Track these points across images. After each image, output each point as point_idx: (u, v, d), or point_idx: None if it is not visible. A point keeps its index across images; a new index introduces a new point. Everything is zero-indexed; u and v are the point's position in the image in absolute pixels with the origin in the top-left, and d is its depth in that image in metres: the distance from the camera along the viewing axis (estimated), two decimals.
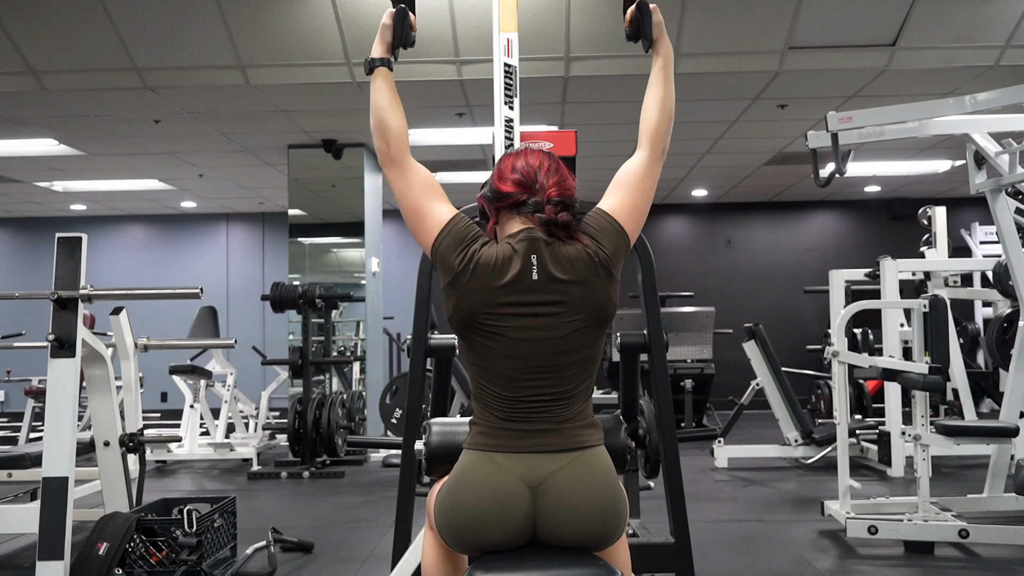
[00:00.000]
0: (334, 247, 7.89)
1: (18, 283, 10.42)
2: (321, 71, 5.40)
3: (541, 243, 1.67)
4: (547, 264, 1.66)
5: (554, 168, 1.75)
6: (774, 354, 6.47)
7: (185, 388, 7.03)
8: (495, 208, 1.76)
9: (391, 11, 1.90)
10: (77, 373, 3.13)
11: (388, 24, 1.90)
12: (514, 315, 1.65)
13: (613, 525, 1.67)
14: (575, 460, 1.65)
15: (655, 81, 1.88)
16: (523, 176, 1.73)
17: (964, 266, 6.87)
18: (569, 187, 1.74)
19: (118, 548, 3.21)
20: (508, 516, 1.62)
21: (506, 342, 1.66)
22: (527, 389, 1.66)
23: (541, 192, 1.71)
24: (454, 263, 1.68)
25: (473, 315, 1.66)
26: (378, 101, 1.83)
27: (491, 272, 1.65)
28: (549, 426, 1.67)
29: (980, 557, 3.80)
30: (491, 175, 1.81)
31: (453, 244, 1.70)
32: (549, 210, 1.69)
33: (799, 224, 10.73)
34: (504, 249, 1.68)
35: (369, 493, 5.58)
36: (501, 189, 1.74)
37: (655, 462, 2.94)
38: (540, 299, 1.65)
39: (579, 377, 1.70)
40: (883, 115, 4.13)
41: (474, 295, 1.66)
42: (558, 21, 4.96)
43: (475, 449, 1.69)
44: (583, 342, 1.68)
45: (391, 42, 1.90)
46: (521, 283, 1.65)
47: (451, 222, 1.73)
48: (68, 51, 5.14)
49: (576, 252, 1.68)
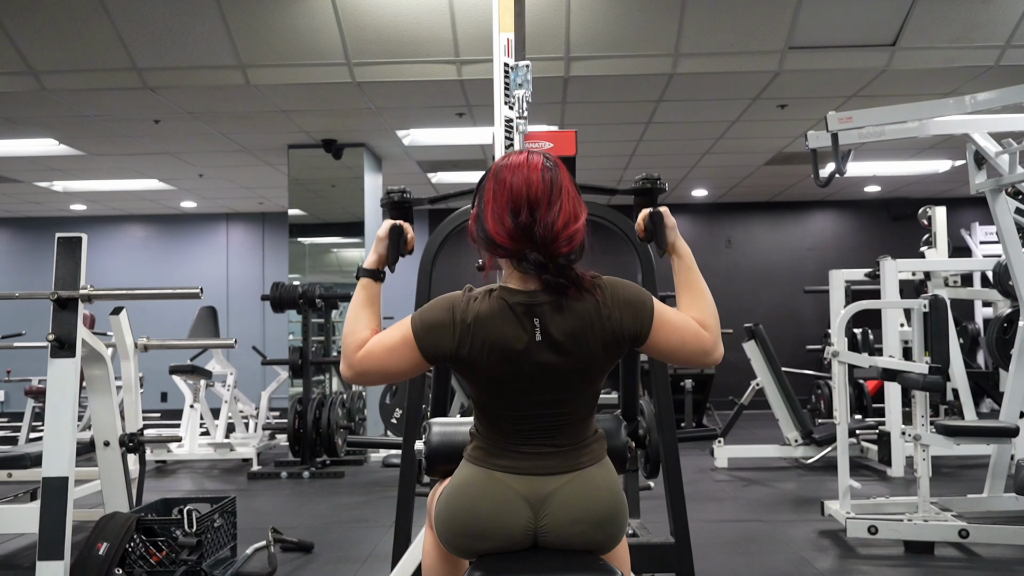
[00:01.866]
0: (334, 247, 7.89)
1: (18, 283, 10.41)
2: (321, 71, 5.40)
3: (544, 307, 1.56)
4: (549, 328, 1.56)
5: (557, 200, 1.56)
6: (774, 354, 6.46)
7: (185, 388, 7.02)
8: (488, 252, 1.61)
9: (387, 225, 1.84)
10: (77, 373, 3.13)
11: (383, 237, 1.82)
12: (514, 372, 1.58)
13: (614, 534, 1.66)
14: (577, 477, 1.62)
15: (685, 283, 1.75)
16: (520, 225, 1.55)
17: (964, 266, 6.87)
18: (577, 234, 1.57)
19: (118, 548, 3.21)
20: (508, 528, 1.60)
21: (511, 393, 1.61)
22: (528, 419, 1.62)
23: (543, 247, 1.54)
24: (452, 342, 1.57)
25: (474, 368, 1.59)
26: (352, 308, 1.71)
27: (490, 331, 1.55)
28: (551, 449, 1.63)
29: (980, 557, 3.80)
30: (483, 198, 1.63)
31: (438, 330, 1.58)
32: (553, 270, 1.54)
33: (799, 224, 10.73)
34: (500, 307, 1.57)
35: (369, 493, 5.58)
36: (495, 239, 1.57)
37: (655, 462, 2.94)
38: (542, 359, 1.56)
39: (582, 409, 1.65)
40: (883, 115, 4.13)
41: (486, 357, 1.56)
42: (558, 21, 4.96)
43: (475, 464, 1.66)
44: (586, 388, 1.64)
45: (384, 255, 1.81)
46: (522, 343, 1.56)
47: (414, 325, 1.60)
48: (68, 51, 5.14)
49: (584, 309, 1.57)
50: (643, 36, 5.06)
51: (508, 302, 1.57)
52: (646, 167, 8.03)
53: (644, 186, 1.80)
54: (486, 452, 1.65)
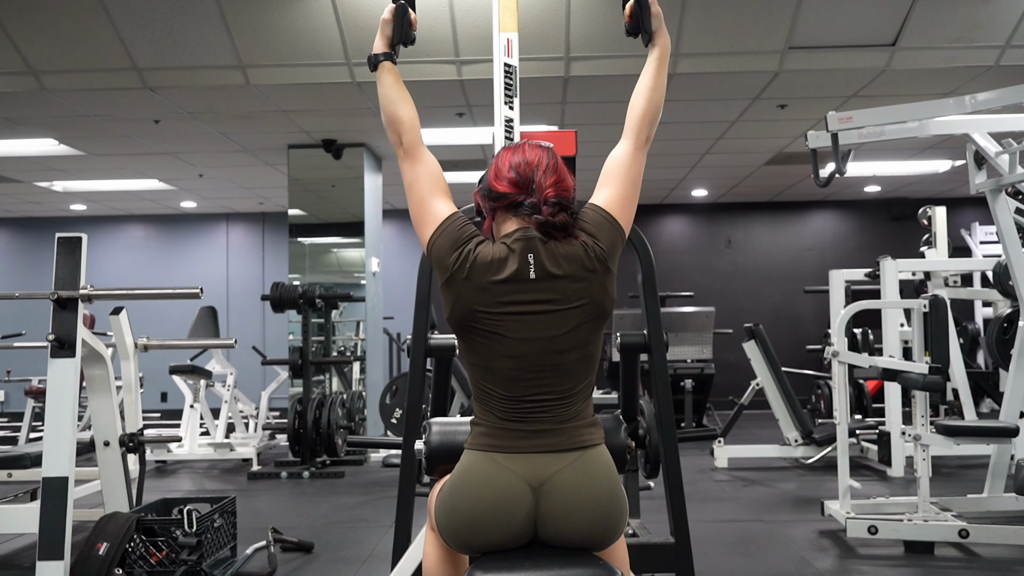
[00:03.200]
0: (334, 247, 7.89)
1: (18, 283, 10.42)
2: (321, 71, 5.40)
3: (537, 242, 1.66)
4: (544, 262, 1.65)
5: (552, 166, 1.73)
6: (774, 354, 6.47)
7: (185, 388, 7.02)
8: (491, 207, 1.75)
9: (391, 7, 1.90)
10: (77, 373, 3.13)
11: (388, 19, 1.90)
12: (512, 313, 1.64)
13: (614, 526, 1.67)
14: (577, 460, 1.65)
15: (648, 71, 1.89)
16: (519, 175, 1.71)
17: (964, 266, 6.87)
18: (567, 187, 1.72)
19: (118, 548, 3.21)
20: (509, 517, 1.62)
21: (505, 341, 1.65)
22: (528, 389, 1.66)
23: (538, 192, 1.69)
24: (449, 262, 1.68)
25: (471, 314, 1.66)
26: (387, 95, 1.85)
27: (488, 271, 1.65)
28: (550, 426, 1.66)
29: (980, 557, 3.80)
30: (488, 171, 1.79)
31: (448, 243, 1.69)
32: (546, 211, 1.67)
33: (799, 224, 10.73)
34: (500, 249, 1.67)
35: (369, 493, 5.58)
36: (497, 188, 1.72)
37: (655, 462, 2.94)
38: (538, 297, 1.64)
39: (579, 376, 1.69)
40: (883, 115, 4.13)
41: (471, 294, 1.65)
42: (558, 21, 4.96)
43: (476, 449, 1.69)
44: (582, 339, 1.68)
45: (391, 37, 1.91)
46: (518, 282, 1.64)
47: (447, 221, 1.73)
48: (68, 51, 5.14)
49: (573, 250, 1.67)
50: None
51: (507, 243, 1.68)
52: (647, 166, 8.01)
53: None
54: (486, 436, 1.68)
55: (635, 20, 1.94)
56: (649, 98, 1.86)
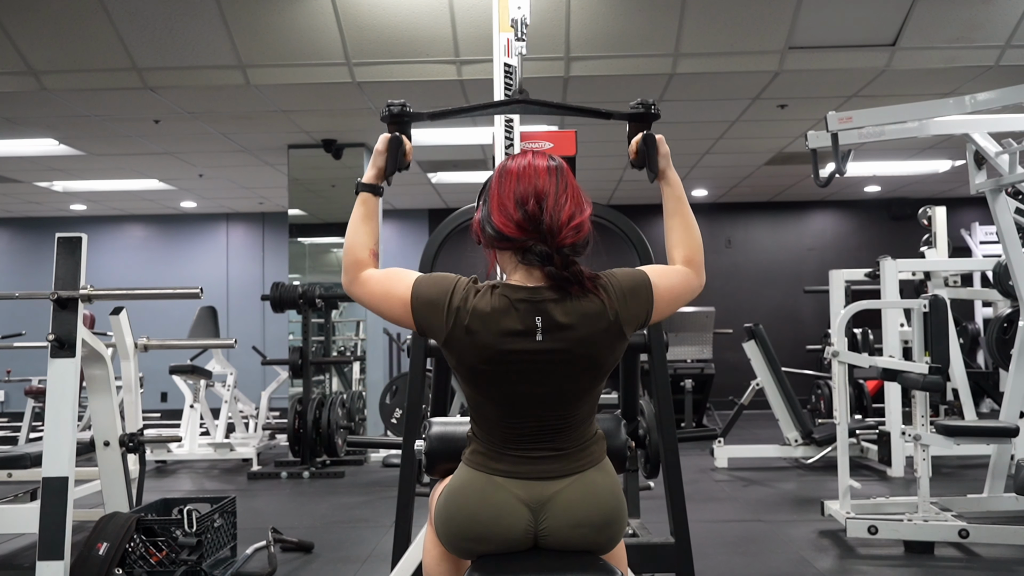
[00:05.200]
0: (334, 247, 7.89)
1: (18, 283, 10.41)
2: (321, 71, 5.40)
3: (547, 304, 1.54)
4: (553, 320, 1.54)
5: (563, 193, 1.58)
6: (774, 354, 6.46)
7: (185, 388, 7.02)
8: (493, 244, 1.61)
9: (385, 137, 1.80)
10: (77, 373, 3.13)
11: (381, 151, 1.79)
12: (515, 371, 1.56)
13: (615, 535, 1.65)
14: (578, 480, 1.61)
15: (674, 212, 1.77)
16: (527, 215, 1.55)
17: (964, 266, 6.87)
18: (583, 225, 1.57)
19: (118, 548, 3.21)
20: (508, 531, 1.60)
21: (506, 387, 1.58)
22: (527, 420, 1.61)
23: (550, 236, 1.54)
24: (443, 325, 1.56)
25: (473, 368, 1.58)
26: (353, 225, 1.72)
27: (489, 324, 1.54)
28: (551, 453, 1.61)
29: (980, 557, 3.80)
30: (488, 192, 1.64)
31: (430, 309, 1.57)
32: (559, 261, 1.53)
33: (799, 224, 10.73)
34: (501, 303, 1.54)
35: (369, 493, 5.58)
36: (502, 230, 1.56)
37: (655, 462, 2.94)
38: (543, 357, 1.55)
39: (581, 408, 1.64)
40: (883, 115, 4.13)
41: (473, 351, 1.55)
42: (558, 21, 4.96)
43: (474, 468, 1.64)
44: (586, 388, 1.62)
45: (383, 168, 1.79)
46: (523, 342, 1.54)
47: (416, 286, 1.60)
48: (68, 51, 5.14)
49: (590, 306, 1.56)
50: (643, 36, 5.05)
51: (511, 298, 1.55)
52: None
53: (639, 110, 1.82)
54: (484, 456, 1.64)
55: (641, 157, 1.85)
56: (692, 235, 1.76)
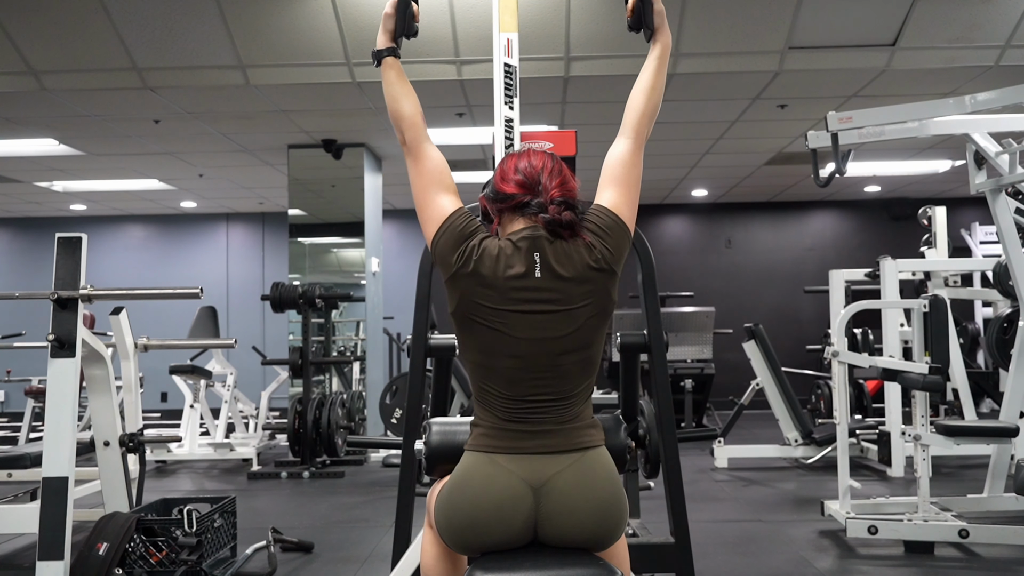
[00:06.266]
0: (334, 247, 7.89)
1: (18, 283, 10.41)
2: (321, 71, 5.40)
3: (544, 241, 1.68)
4: (550, 261, 1.66)
5: (557, 169, 1.76)
6: (774, 354, 6.46)
7: (185, 388, 7.03)
8: (497, 209, 1.76)
9: (393, 0, 1.91)
10: (77, 373, 3.13)
11: (390, 13, 1.91)
12: (516, 312, 1.65)
13: (615, 526, 1.66)
14: (577, 461, 1.65)
15: (648, 68, 1.91)
16: (526, 177, 1.73)
17: (964, 266, 6.87)
18: (572, 188, 1.75)
19: (118, 548, 3.21)
20: (510, 518, 1.62)
21: (507, 338, 1.65)
22: (528, 389, 1.66)
23: (544, 193, 1.71)
24: (452, 259, 1.68)
25: (476, 309, 1.66)
26: (390, 92, 1.85)
27: (493, 266, 1.65)
28: (551, 427, 1.66)
29: (980, 557, 3.80)
30: (493, 176, 1.81)
31: (452, 240, 1.70)
32: (552, 210, 1.69)
33: (799, 224, 10.73)
34: (506, 245, 1.68)
35: (369, 493, 5.58)
36: (504, 190, 1.75)
37: (655, 462, 2.94)
38: (542, 296, 1.65)
39: (580, 378, 1.70)
40: (883, 115, 4.13)
41: (476, 288, 1.66)
42: (558, 21, 4.96)
43: (477, 450, 1.69)
44: (584, 341, 1.68)
45: (393, 31, 1.91)
46: (524, 280, 1.65)
47: (450, 217, 1.73)
48: (68, 51, 5.14)
49: (579, 250, 1.69)
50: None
51: (513, 240, 1.69)
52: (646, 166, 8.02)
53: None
54: (486, 436, 1.68)
55: (637, 15, 1.96)
56: (649, 96, 1.88)
